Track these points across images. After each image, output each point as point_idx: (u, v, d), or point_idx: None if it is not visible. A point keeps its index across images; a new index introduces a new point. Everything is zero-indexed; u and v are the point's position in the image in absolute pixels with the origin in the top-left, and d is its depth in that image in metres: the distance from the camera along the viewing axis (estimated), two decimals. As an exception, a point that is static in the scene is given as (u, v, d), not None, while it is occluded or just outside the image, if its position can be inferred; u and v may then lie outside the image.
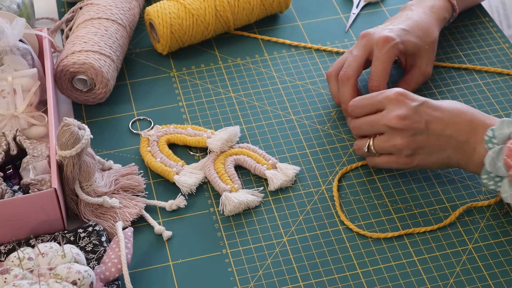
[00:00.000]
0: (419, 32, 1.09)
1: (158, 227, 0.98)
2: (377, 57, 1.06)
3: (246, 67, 1.20)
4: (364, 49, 1.07)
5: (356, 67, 1.07)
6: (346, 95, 1.07)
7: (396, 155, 0.99)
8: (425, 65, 1.11)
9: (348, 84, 1.06)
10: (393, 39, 1.06)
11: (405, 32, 1.08)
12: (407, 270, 0.93)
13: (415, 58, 1.10)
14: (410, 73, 1.11)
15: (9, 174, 0.99)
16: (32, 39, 1.11)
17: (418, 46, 1.09)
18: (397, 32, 1.08)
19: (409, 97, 0.97)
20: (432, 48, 1.11)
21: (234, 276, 0.93)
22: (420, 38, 1.09)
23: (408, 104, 0.97)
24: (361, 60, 1.07)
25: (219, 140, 1.05)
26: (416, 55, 1.10)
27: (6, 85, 1.02)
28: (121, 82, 1.17)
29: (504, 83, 1.16)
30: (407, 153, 0.97)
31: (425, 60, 1.10)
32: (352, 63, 1.07)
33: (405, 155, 0.98)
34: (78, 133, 0.93)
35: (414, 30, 1.09)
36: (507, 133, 0.91)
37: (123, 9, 1.18)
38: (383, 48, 1.06)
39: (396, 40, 1.06)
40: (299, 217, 0.99)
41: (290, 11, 1.29)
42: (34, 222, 0.93)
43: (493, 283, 0.92)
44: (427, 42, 1.10)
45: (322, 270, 0.94)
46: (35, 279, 0.84)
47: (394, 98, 0.97)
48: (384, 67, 1.06)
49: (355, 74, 1.06)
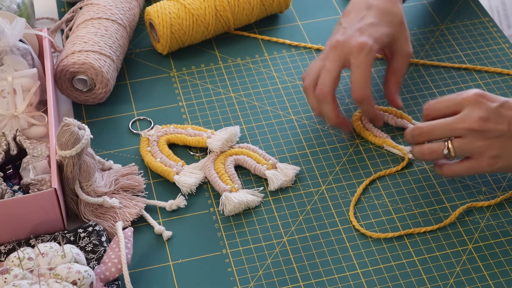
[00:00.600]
0: (386, 17, 1.06)
1: (158, 227, 0.98)
2: (355, 65, 1.02)
3: (246, 67, 1.20)
4: (338, 60, 1.03)
5: (331, 81, 1.03)
6: (328, 112, 1.04)
7: (478, 159, 0.95)
8: (403, 46, 1.08)
9: (327, 101, 1.03)
10: (367, 43, 1.02)
11: (374, 27, 1.05)
12: (407, 270, 0.93)
13: (392, 45, 1.08)
14: (394, 60, 1.09)
15: (9, 174, 0.99)
16: (32, 39, 1.11)
17: (391, 33, 1.06)
18: (367, 31, 1.04)
19: (488, 98, 0.95)
20: (403, 27, 1.07)
21: (234, 276, 0.93)
22: (390, 23, 1.06)
23: (489, 105, 0.94)
24: (335, 73, 1.03)
25: (219, 140, 1.05)
26: (392, 42, 1.07)
27: (6, 85, 1.02)
28: (121, 82, 1.17)
29: (504, 83, 1.16)
30: (490, 154, 0.94)
31: (402, 42, 1.07)
32: (326, 78, 1.03)
33: (488, 156, 0.94)
34: (78, 133, 0.93)
35: (381, 18, 1.06)
36: None
37: (123, 9, 1.18)
38: (359, 56, 1.02)
39: (370, 43, 1.02)
40: (299, 217, 0.99)
41: (290, 11, 1.29)
42: (34, 222, 0.93)
43: (493, 283, 0.92)
44: (397, 24, 1.07)
45: (322, 270, 0.94)
46: (35, 279, 0.84)
47: (473, 99, 0.95)
48: (364, 74, 1.02)
49: (331, 90, 1.03)
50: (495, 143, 0.94)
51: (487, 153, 0.94)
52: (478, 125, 0.93)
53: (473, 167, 0.96)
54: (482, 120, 0.93)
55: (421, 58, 1.20)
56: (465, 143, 0.95)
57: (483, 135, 0.94)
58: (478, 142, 0.94)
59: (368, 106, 1.05)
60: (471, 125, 0.94)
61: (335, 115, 1.04)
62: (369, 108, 1.05)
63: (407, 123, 1.09)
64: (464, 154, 0.96)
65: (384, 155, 1.07)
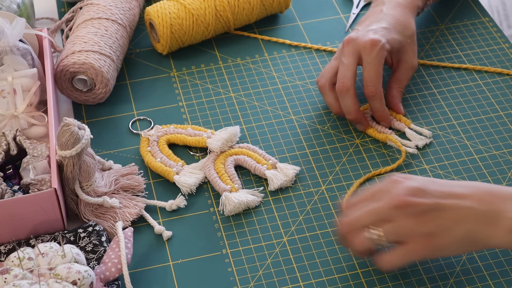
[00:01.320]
0: (399, 27, 1.09)
1: (158, 227, 0.98)
2: (368, 62, 1.05)
3: (246, 67, 1.20)
4: (353, 56, 1.06)
5: (352, 76, 1.05)
6: (350, 106, 1.06)
7: (411, 242, 0.85)
8: (411, 58, 1.10)
9: (349, 95, 1.05)
10: (380, 41, 1.05)
11: (387, 31, 1.07)
12: (407, 270, 0.93)
13: (400, 54, 1.10)
14: (399, 69, 1.11)
15: (9, 174, 0.99)
16: (32, 39, 1.11)
17: (401, 42, 1.09)
18: (381, 32, 1.07)
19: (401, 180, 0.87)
20: (413, 40, 1.10)
21: (234, 276, 0.93)
22: (401, 33, 1.09)
23: (406, 184, 0.86)
24: (353, 67, 1.05)
25: (219, 140, 1.05)
26: (401, 51, 1.10)
27: (6, 85, 1.02)
28: (121, 82, 1.17)
29: (504, 83, 1.16)
30: (421, 232, 0.85)
31: (410, 54, 1.10)
32: (346, 73, 1.05)
33: (420, 236, 0.85)
34: (78, 133, 0.93)
35: (394, 26, 1.08)
36: None
37: (123, 9, 1.18)
38: (372, 52, 1.04)
39: (382, 41, 1.05)
40: (299, 217, 0.99)
41: (290, 11, 1.29)
42: (34, 222, 0.93)
43: (493, 283, 0.92)
44: (408, 36, 1.10)
45: (322, 270, 0.94)
46: (35, 279, 0.84)
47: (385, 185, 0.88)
48: (377, 70, 1.05)
49: (353, 84, 1.05)
50: (424, 220, 0.85)
51: (418, 231, 0.85)
52: (399, 201, 0.85)
53: (409, 254, 0.86)
54: (402, 195, 0.85)
55: (421, 58, 1.20)
56: (394, 226, 0.85)
57: (409, 213, 0.85)
58: (406, 222, 0.85)
59: (380, 103, 1.07)
60: (392, 202, 0.85)
61: (356, 109, 1.06)
62: (380, 105, 1.07)
63: (404, 126, 1.09)
64: (395, 237, 0.86)
65: (384, 155, 1.07)
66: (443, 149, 1.07)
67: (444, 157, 1.06)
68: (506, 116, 1.11)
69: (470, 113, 1.12)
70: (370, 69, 1.05)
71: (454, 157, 1.06)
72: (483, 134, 1.09)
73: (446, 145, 1.07)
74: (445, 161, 1.05)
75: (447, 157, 1.06)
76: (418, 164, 1.05)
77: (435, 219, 0.85)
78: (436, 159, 1.05)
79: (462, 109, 1.12)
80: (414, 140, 1.07)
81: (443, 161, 1.05)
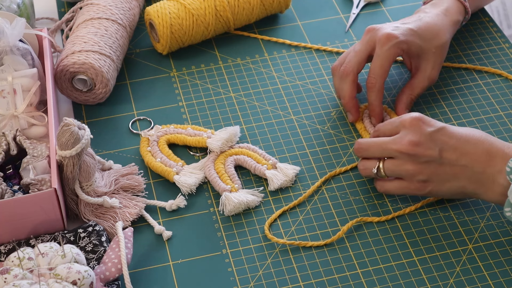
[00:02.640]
0: (427, 34, 1.08)
1: (158, 227, 0.98)
2: (377, 54, 1.05)
3: (246, 67, 1.20)
4: (367, 44, 1.06)
5: (356, 62, 1.06)
6: (345, 91, 1.07)
7: (408, 181, 0.96)
8: (430, 69, 1.09)
9: (347, 79, 1.06)
10: (396, 37, 1.05)
11: (412, 32, 1.07)
12: (407, 270, 0.93)
13: (420, 60, 1.09)
14: (415, 77, 1.10)
15: (9, 174, 0.99)
16: (32, 39, 1.11)
17: (423, 49, 1.08)
18: (403, 31, 1.06)
19: (425, 122, 0.95)
20: (440, 51, 1.09)
21: (234, 276, 0.93)
22: (427, 41, 1.08)
23: (424, 130, 0.94)
24: (362, 55, 1.06)
25: (219, 140, 1.05)
26: (421, 58, 1.09)
27: (6, 85, 1.02)
28: (121, 82, 1.17)
29: (504, 83, 1.16)
30: (419, 179, 0.95)
31: (430, 64, 1.09)
32: (352, 58, 1.07)
33: (417, 180, 0.95)
34: (78, 133, 0.93)
35: (423, 31, 1.08)
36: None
37: (123, 9, 1.18)
38: (385, 45, 1.05)
39: (400, 38, 1.05)
40: (299, 217, 0.99)
41: (290, 11, 1.29)
42: (34, 222, 0.93)
43: (493, 283, 0.92)
44: (435, 45, 1.08)
45: (322, 270, 0.94)
46: (35, 279, 0.84)
47: (409, 122, 0.95)
48: (383, 64, 1.05)
49: (354, 70, 1.06)
50: (424, 168, 0.94)
51: (416, 177, 0.95)
52: (407, 149, 0.94)
53: (403, 188, 0.97)
54: (412, 144, 0.94)
55: (421, 58, 1.20)
56: (395, 165, 0.96)
57: (412, 159, 0.94)
58: (408, 166, 0.95)
59: (376, 97, 1.07)
60: (401, 147, 0.94)
61: (351, 96, 1.07)
62: (375, 98, 1.07)
63: None
64: (393, 175, 0.97)
65: (384, 155, 1.07)
66: (443, 149, 1.07)
67: (444, 157, 1.06)
68: (506, 116, 1.11)
69: (470, 113, 1.12)
70: (376, 61, 1.05)
71: (454, 157, 1.06)
72: (483, 134, 1.09)
73: (446, 145, 1.07)
74: (445, 161, 1.05)
75: (447, 157, 1.06)
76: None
77: (432, 170, 0.94)
78: (436, 159, 1.05)
79: (462, 109, 1.12)
80: None
81: (443, 161, 1.05)
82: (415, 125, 0.95)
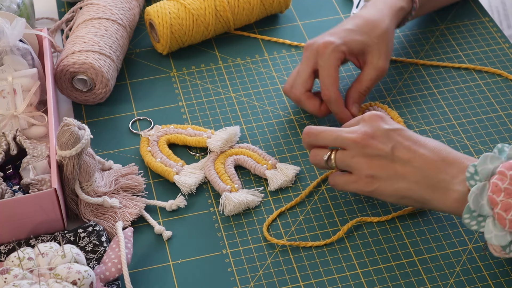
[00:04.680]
0: (365, 27, 1.07)
1: (158, 227, 0.98)
2: (320, 65, 1.04)
3: (246, 67, 1.20)
4: (308, 60, 1.05)
5: (303, 83, 1.06)
6: (311, 109, 1.07)
7: (356, 175, 0.94)
8: (376, 59, 1.07)
9: (302, 102, 1.07)
10: (332, 42, 1.04)
11: (348, 32, 1.06)
12: (407, 270, 0.93)
13: (365, 55, 1.08)
14: (362, 71, 1.08)
15: (9, 174, 0.99)
16: (32, 39, 1.11)
17: (365, 43, 1.06)
18: (339, 34, 1.06)
19: (384, 120, 0.94)
20: (382, 40, 1.07)
21: (234, 276, 0.93)
22: (366, 34, 1.07)
23: (380, 126, 0.93)
24: (306, 74, 1.05)
25: (219, 140, 1.05)
26: (365, 52, 1.07)
27: (6, 85, 1.02)
28: (121, 82, 1.17)
29: (504, 83, 1.16)
30: (367, 173, 0.92)
31: (375, 55, 1.07)
32: (298, 81, 1.06)
33: (366, 175, 0.93)
34: (78, 133, 0.93)
35: (359, 27, 1.07)
36: (491, 168, 0.85)
37: (123, 9, 1.18)
38: (324, 54, 1.04)
39: (336, 42, 1.04)
40: (299, 217, 0.99)
41: (290, 11, 1.29)
42: (34, 222, 0.93)
43: (493, 283, 0.92)
44: (375, 36, 1.07)
45: (322, 270, 0.94)
46: (35, 279, 0.84)
47: (368, 117, 0.94)
48: (330, 73, 1.04)
49: (302, 92, 1.06)
50: (374, 163, 0.92)
51: (364, 171, 0.93)
52: (361, 139, 0.92)
53: (351, 182, 0.94)
54: (366, 135, 0.92)
55: (421, 58, 1.20)
56: (346, 155, 0.94)
57: (364, 151, 0.92)
58: (358, 158, 0.93)
59: (336, 106, 1.06)
60: (354, 137, 0.92)
61: (316, 111, 1.07)
62: (337, 108, 1.06)
63: None
64: (344, 166, 0.95)
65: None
66: (443, 149, 1.07)
67: (444, 157, 1.06)
68: (506, 116, 1.11)
69: (470, 113, 1.12)
70: (323, 72, 1.04)
71: (454, 157, 1.06)
72: (483, 134, 1.09)
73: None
74: (445, 161, 1.05)
75: (447, 157, 1.06)
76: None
77: (383, 166, 0.92)
78: (436, 159, 1.05)
79: (462, 109, 1.12)
80: None
81: (443, 161, 1.05)
82: (374, 120, 0.93)
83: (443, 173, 0.89)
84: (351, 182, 0.94)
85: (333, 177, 0.97)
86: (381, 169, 0.92)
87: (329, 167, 0.96)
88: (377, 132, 0.92)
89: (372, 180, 0.93)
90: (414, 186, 0.91)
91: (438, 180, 0.90)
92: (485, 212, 0.85)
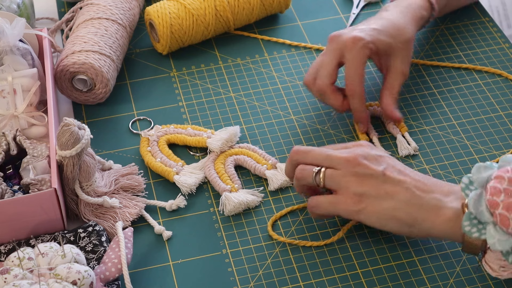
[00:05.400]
0: (392, 31, 1.06)
1: (158, 227, 0.98)
2: (348, 60, 1.03)
3: (246, 67, 1.20)
4: (334, 53, 1.04)
5: (327, 76, 1.04)
6: (333, 103, 1.06)
7: (343, 195, 0.91)
8: (400, 64, 1.07)
9: (326, 94, 1.05)
10: (362, 38, 1.03)
11: (376, 32, 1.05)
12: (407, 270, 0.93)
13: (389, 58, 1.07)
14: (389, 76, 1.08)
15: (9, 174, 0.99)
16: (32, 39, 1.11)
17: (391, 45, 1.06)
18: (367, 31, 1.05)
19: (374, 148, 0.93)
20: (406, 46, 1.07)
21: (234, 276, 0.93)
22: (393, 37, 1.06)
23: (371, 152, 0.92)
24: (330, 66, 1.04)
25: (219, 140, 1.05)
26: (390, 55, 1.07)
27: (6, 85, 1.02)
28: (121, 82, 1.17)
29: (504, 83, 1.16)
30: (356, 191, 0.90)
31: (399, 59, 1.07)
32: (323, 73, 1.04)
33: (354, 193, 0.90)
34: (78, 133, 0.93)
35: (387, 29, 1.06)
36: (485, 176, 0.84)
37: (123, 9, 1.18)
38: (353, 49, 1.03)
39: (366, 39, 1.03)
40: (299, 217, 0.99)
41: (290, 11, 1.29)
42: (34, 222, 0.93)
43: (493, 283, 0.92)
44: (400, 41, 1.07)
45: (322, 270, 0.94)
46: (35, 279, 0.84)
47: (359, 143, 0.94)
48: (357, 69, 1.03)
49: (328, 84, 1.04)
50: (365, 182, 0.90)
51: (353, 188, 0.90)
52: (353, 158, 0.90)
53: (336, 203, 0.91)
54: (359, 155, 0.91)
55: (421, 58, 1.20)
56: (336, 173, 0.91)
57: (355, 170, 0.90)
58: (349, 177, 0.90)
59: (358, 103, 1.05)
60: (347, 156, 0.91)
61: (339, 105, 1.06)
62: (359, 105, 1.05)
63: (397, 131, 1.08)
64: (331, 184, 0.91)
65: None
66: (443, 149, 1.07)
67: (444, 157, 1.06)
68: (506, 116, 1.11)
69: (470, 113, 1.12)
70: (350, 67, 1.03)
71: (454, 157, 1.06)
72: (483, 134, 1.09)
73: (446, 145, 1.07)
74: (445, 161, 1.05)
75: (447, 157, 1.06)
76: (418, 164, 1.05)
77: (373, 185, 0.90)
78: (436, 159, 1.05)
79: (462, 109, 1.12)
80: (400, 148, 1.06)
81: (443, 161, 1.05)
82: (363, 146, 0.93)
83: (434, 193, 0.89)
84: (337, 203, 0.91)
85: (315, 198, 0.94)
86: (371, 188, 0.89)
87: (315, 182, 0.93)
88: (369, 156, 0.91)
89: (360, 199, 0.90)
90: (404, 206, 0.89)
91: (429, 198, 0.88)
92: (485, 218, 0.84)
